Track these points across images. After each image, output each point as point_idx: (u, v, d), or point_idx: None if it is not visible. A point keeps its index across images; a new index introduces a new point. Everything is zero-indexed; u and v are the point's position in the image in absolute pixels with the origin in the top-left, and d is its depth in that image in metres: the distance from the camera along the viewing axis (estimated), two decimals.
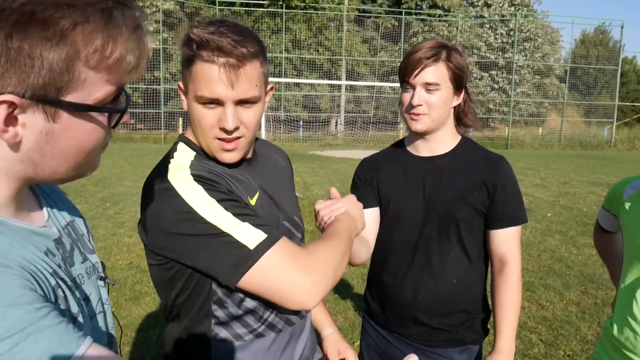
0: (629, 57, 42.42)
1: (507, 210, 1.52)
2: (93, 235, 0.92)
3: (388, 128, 25.50)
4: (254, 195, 1.12)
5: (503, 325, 1.50)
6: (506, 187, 1.52)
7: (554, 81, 31.15)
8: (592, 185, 11.19)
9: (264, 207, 1.13)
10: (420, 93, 1.47)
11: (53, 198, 0.84)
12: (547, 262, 5.39)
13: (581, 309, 4.10)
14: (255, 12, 24.94)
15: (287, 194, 1.28)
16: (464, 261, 1.56)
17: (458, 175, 1.54)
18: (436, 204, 1.53)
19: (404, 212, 1.58)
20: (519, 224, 1.54)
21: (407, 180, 1.59)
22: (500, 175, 1.53)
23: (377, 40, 28.12)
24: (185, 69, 1.04)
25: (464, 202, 1.51)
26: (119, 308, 3.94)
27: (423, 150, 1.60)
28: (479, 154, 1.58)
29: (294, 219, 1.24)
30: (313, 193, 9.23)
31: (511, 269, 1.52)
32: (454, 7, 31.06)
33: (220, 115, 1.03)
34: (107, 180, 10.41)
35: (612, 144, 25.21)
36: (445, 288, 1.55)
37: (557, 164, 16.19)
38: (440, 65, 1.46)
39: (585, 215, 7.78)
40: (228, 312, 1.09)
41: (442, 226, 1.53)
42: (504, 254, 1.53)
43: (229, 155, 1.08)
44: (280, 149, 1.42)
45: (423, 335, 1.59)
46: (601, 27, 36.03)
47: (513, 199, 1.54)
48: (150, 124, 23.99)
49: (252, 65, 1.01)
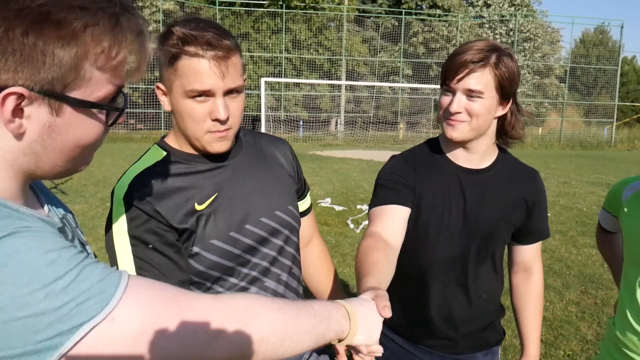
0: (628, 57, 42.47)
1: (537, 226, 1.54)
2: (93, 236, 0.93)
3: (388, 128, 25.50)
4: (205, 201, 1.12)
5: (531, 333, 1.55)
6: (541, 204, 1.53)
7: (554, 81, 31.16)
8: (592, 185, 11.19)
9: (221, 209, 1.14)
10: (460, 99, 1.33)
11: (47, 195, 0.87)
12: (547, 262, 5.39)
13: (581, 309, 4.10)
14: (255, 12, 24.93)
15: (274, 188, 1.25)
16: (493, 275, 1.54)
17: (500, 192, 1.46)
18: (479, 222, 1.44)
19: (442, 227, 1.44)
20: (545, 238, 1.57)
21: (450, 193, 1.45)
22: (538, 192, 1.53)
23: (377, 40, 28.13)
24: (168, 67, 1.05)
25: (507, 221, 1.47)
26: None
27: (464, 161, 1.46)
28: (516, 168, 1.54)
29: (276, 215, 1.22)
30: (313, 193, 9.23)
31: (537, 279, 1.56)
32: (453, 7, 31.07)
33: (211, 107, 1.06)
34: (107, 180, 10.42)
35: (612, 144, 25.21)
36: (476, 304, 1.51)
37: (557, 164, 16.19)
38: (486, 71, 1.32)
39: (585, 215, 7.79)
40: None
41: (482, 245, 1.46)
42: (531, 265, 1.56)
43: (220, 144, 1.11)
44: (284, 141, 1.38)
45: (450, 345, 1.54)
46: (601, 27, 36.06)
47: (544, 214, 1.55)
48: (150, 124, 24.00)
49: (236, 56, 1.06)
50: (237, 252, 1.14)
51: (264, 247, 1.19)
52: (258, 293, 1.17)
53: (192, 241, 1.11)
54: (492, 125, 1.43)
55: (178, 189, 1.11)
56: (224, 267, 1.14)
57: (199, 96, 1.04)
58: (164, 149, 1.17)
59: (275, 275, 1.22)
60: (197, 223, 1.10)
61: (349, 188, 9.85)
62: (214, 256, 1.12)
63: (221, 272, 1.14)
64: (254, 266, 1.17)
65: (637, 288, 1.48)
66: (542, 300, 1.58)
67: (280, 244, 1.23)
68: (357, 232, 6.50)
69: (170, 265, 1.08)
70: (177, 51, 1.01)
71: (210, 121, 1.07)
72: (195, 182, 1.13)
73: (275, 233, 1.21)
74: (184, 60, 1.01)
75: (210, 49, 1.00)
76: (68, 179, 10.35)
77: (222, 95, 1.05)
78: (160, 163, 1.14)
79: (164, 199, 1.09)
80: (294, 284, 1.26)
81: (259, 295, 0.78)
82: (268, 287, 1.20)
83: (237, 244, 1.14)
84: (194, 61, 1.01)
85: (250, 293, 1.15)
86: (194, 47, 1.00)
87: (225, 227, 1.13)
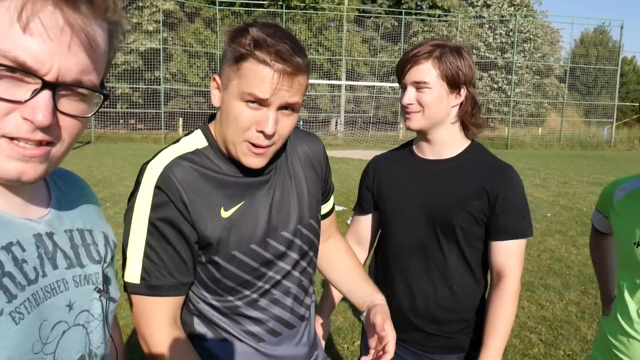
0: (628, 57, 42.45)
1: (508, 222, 1.46)
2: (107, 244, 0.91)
3: (388, 128, 25.50)
4: (231, 208, 1.08)
5: (490, 339, 1.43)
6: (508, 198, 1.46)
7: (554, 81, 31.16)
8: (592, 185, 11.19)
9: (245, 219, 1.09)
10: (410, 92, 1.46)
11: (72, 202, 0.83)
12: (547, 262, 5.39)
13: (581, 309, 4.11)
14: (255, 12, 24.93)
15: (299, 200, 1.20)
16: (465, 269, 1.52)
17: (459, 181, 1.49)
18: (434, 209, 1.49)
19: (400, 215, 1.55)
20: (520, 237, 1.47)
21: (408, 182, 1.56)
22: (503, 185, 1.46)
23: (377, 40, 28.12)
24: (232, 64, 1.01)
25: (463, 208, 1.46)
26: (118, 308, 3.93)
27: (429, 153, 1.56)
28: (485, 161, 1.52)
29: (297, 229, 1.18)
30: None
31: (507, 284, 1.44)
32: (453, 7, 31.08)
33: (260, 118, 1.00)
34: (107, 180, 10.42)
35: (612, 144, 25.21)
36: (443, 294, 1.52)
37: (557, 164, 16.19)
38: (428, 63, 1.43)
39: (585, 215, 7.79)
40: (206, 313, 1.12)
41: (440, 232, 1.49)
42: (502, 267, 1.46)
43: (255, 160, 1.05)
44: (317, 139, 1.32)
45: (421, 341, 1.56)
46: (601, 27, 36.06)
47: (515, 211, 1.47)
48: (150, 124, 23.98)
49: (303, 76, 1.02)
50: (255, 265, 1.11)
51: (280, 261, 1.15)
52: (267, 305, 1.14)
53: (212, 248, 1.07)
54: (450, 115, 1.50)
55: (209, 188, 1.06)
56: (241, 279, 1.10)
57: (253, 102, 0.99)
58: (207, 138, 1.11)
59: (285, 287, 1.18)
60: (220, 230, 1.06)
61: (349, 188, 9.85)
62: (232, 267, 1.09)
63: (236, 284, 1.10)
64: (268, 279, 1.14)
65: (624, 289, 1.48)
66: (511, 308, 1.44)
67: (297, 258, 1.19)
68: None
69: (179, 265, 1.05)
70: (247, 52, 0.98)
71: (255, 131, 1.01)
72: (225, 185, 1.08)
73: (293, 247, 1.17)
74: (251, 63, 0.98)
75: (280, 61, 0.96)
76: None
77: (275, 109, 1.00)
78: (199, 152, 1.09)
79: (194, 195, 1.04)
80: (301, 296, 1.23)
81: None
82: (279, 301, 1.16)
83: (257, 257, 1.11)
84: (259, 67, 0.97)
85: (260, 305, 1.14)
86: (265, 53, 0.96)
87: (248, 238, 1.09)
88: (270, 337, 1.16)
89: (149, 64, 23.37)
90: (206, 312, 1.13)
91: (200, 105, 24.87)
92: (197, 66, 24.84)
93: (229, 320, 1.13)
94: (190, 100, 24.82)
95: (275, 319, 1.16)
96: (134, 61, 23.32)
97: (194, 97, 24.87)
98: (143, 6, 23.74)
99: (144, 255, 1.03)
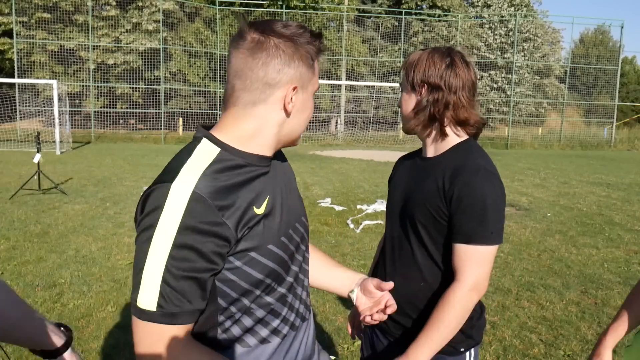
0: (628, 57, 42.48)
1: (462, 224, 1.40)
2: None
3: (388, 128, 25.50)
4: (261, 204, 1.06)
5: (421, 336, 1.39)
6: (462, 199, 1.39)
7: (554, 81, 31.17)
8: (592, 185, 11.20)
9: (273, 213, 1.08)
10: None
11: None
12: (547, 262, 5.39)
13: (581, 309, 4.10)
14: (255, 12, 24.93)
15: (297, 195, 1.26)
16: (433, 268, 1.51)
17: (428, 178, 1.51)
18: (407, 203, 1.56)
19: (389, 209, 1.67)
20: (474, 243, 1.39)
21: (400, 179, 1.67)
22: (458, 186, 1.40)
23: (377, 40, 28.12)
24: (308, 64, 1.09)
25: (424, 205, 1.48)
26: (118, 308, 3.94)
27: (425, 152, 1.63)
28: (458, 160, 1.48)
29: (302, 220, 1.22)
30: (313, 193, 9.23)
31: (455, 287, 1.39)
32: (453, 7, 31.07)
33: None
34: (107, 180, 10.41)
35: (612, 144, 25.22)
36: (412, 288, 1.53)
37: (557, 164, 16.19)
38: (403, 69, 1.58)
39: (585, 215, 7.79)
40: (235, 320, 1.08)
41: (409, 227, 1.54)
42: (455, 270, 1.42)
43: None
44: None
45: (394, 331, 1.59)
46: (601, 27, 36.06)
47: (472, 214, 1.38)
48: (150, 124, 23.99)
49: None
50: (285, 257, 1.10)
51: (297, 253, 1.17)
52: (292, 300, 1.17)
53: (248, 247, 1.03)
54: (422, 115, 1.54)
55: (239, 192, 1.03)
56: (276, 273, 1.09)
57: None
58: (217, 144, 1.07)
59: (302, 281, 1.20)
60: (256, 228, 1.03)
61: (349, 188, 9.85)
62: (269, 262, 1.06)
63: (272, 279, 1.09)
64: (291, 273, 1.15)
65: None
66: (451, 313, 1.38)
67: (304, 250, 1.22)
68: (357, 232, 6.50)
69: (198, 291, 0.99)
70: (318, 49, 1.08)
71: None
72: (251, 183, 1.06)
73: (303, 239, 1.20)
74: (320, 59, 1.09)
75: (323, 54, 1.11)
76: (68, 178, 10.35)
77: None
78: (218, 161, 1.03)
79: (230, 206, 0.99)
80: (308, 287, 1.27)
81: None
82: (298, 294, 1.18)
83: (286, 249, 1.11)
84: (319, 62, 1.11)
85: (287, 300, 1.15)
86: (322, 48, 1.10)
87: (278, 231, 1.09)
88: (291, 332, 1.17)
89: (149, 64, 23.37)
90: (232, 328, 1.09)
91: (200, 105, 24.87)
92: (197, 66, 24.84)
93: (259, 324, 1.10)
94: (190, 100, 24.81)
95: (295, 312, 1.18)
96: (133, 61, 23.32)
97: (194, 97, 24.86)
98: (143, 6, 23.73)
99: (162, 281, 0.95)
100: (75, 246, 5.57)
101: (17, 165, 12.41)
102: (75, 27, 22.97)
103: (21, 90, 21.98)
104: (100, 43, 23.00)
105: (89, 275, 4.70)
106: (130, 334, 3.47)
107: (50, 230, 6.23)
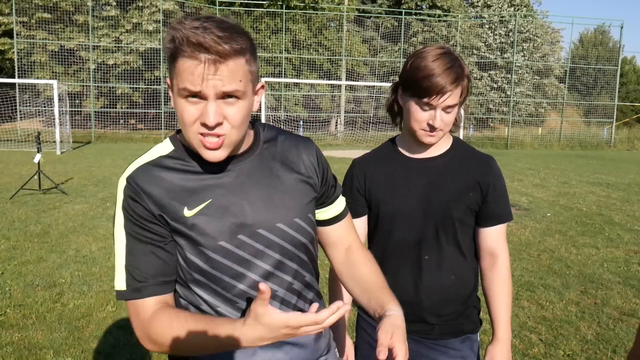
0: (628, 57, 42.41)
1: (497, 209, 1.59)
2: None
3: (388, 128, 25.49)
4: (196, 207, 1.09)
5: (499, 316, 1.59)
6: (497, 187, 1.59)
7: (554, 81, 31.16)
8: (592, 185, 11.20)
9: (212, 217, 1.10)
10: (441, 115, 1.48)
11: None
12: (547, 262, 5.40)
13: (581, 309, 4.11)
14: (255, 12, 24.93)
15: (281, 199, 1.18)
16: (460, 258, 1.61)
17: (453, 176, 1.58)
18: (433, 204, 1.56)
19: (400, 213, 1.60)
20: (506, 221, 1.62)
21: (401, 181, 1.61)
22: (492, 176, 1.60)
23: (377, 40, 28.13)
24: (170, 64, 1.04)
25: (460, 201, 1.56)
26: (119, 308, 3.94)
27: (418, 152, 1.63)
28: (470, 155, 1.63)
29: (277, 227, 1.15)
30: None
31: (502, 263, 1.60)
32: (453, 7, 31.07)
33: (202, 111, 1.02)
34: (107, 180, 10.42)
35: (612, 144, 25.22)
36: (445, 285, 1.59)
37: (557, 164, 16.19)
38: (458, 89, 1.47)
39: (585, 215, 7.79)
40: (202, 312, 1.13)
41: (439, 226, 1.57)
42: (495, 250, 1.61)
43: (212, 153, 1.05)
44: (309, 142, 1.30)
45: (424, 331, 1.62)
46: (601, 27, 36.04)
47: (502, 198, 1.61)
48: (150, 124, 24.00)
49: (235, 61, 1.01)
50: (228, 263, 1.10)
51: (258, 260, 1.13)
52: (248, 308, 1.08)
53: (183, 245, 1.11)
54: None
55: (172, 189, 1.10)
56: (215, 277, 1.10)
57: (192, 97, 1.01)
58: (174, 143, 1.17)
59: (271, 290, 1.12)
60: (185, 229, 1.09)
61: None
62: (204, 264, 1.10)
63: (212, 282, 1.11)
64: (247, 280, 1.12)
65: None
66: (510, 283, 1.62)
67: (278, 258, 1.15)
68: None
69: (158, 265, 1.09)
70: (175, 50, 1.00)
71: (200, 125, 1.03)
72: (191, 184, 1.11)
73: (272, 246, 1.14)
74: (180, 60, 1.00)
75: (203, 51, 0.97)
76: (68, 178, 10.35)
77: (214, 100, 1.01)
78: (164, 158, 1.14)
79: (158, 199, 1.09)
80: (293, 300, 1.19)
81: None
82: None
83: (228, 254, 1.10)
84: (188, 62, 0.99)
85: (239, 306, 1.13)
86: (189, 48, 0.98)
87: (216, 236, 1.09)
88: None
89: (149, 64, 23.37)
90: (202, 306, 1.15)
91: None
92: None
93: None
94: None
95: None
96: (134, 61, 23.32)
97: None
98: (143, 6, 23.73)
99: (125, 261, 1.09)
100: (75, 246, 5.58)
101: (17, 165, 12.42)
102: (76, 27, 22.97)
103: (21, 91, 21.99)
104: (101, 43, 23.00)
105: (89, 275, 4.70)
106: (131, 334, 3.48)
107: (50, 230, 6.24)
